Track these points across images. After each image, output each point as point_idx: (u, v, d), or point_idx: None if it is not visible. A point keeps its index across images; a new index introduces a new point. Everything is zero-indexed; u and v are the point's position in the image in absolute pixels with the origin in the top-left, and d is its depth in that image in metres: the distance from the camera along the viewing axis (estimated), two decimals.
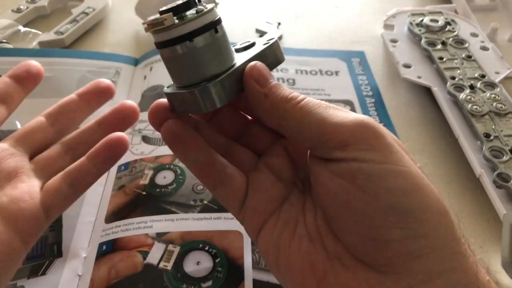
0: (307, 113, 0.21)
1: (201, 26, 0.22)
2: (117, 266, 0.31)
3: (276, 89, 0.22)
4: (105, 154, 0.27)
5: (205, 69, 0.22)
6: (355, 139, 0.20)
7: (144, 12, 0.53)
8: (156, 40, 0.23)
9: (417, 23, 0.50)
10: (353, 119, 0.21)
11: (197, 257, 0.31)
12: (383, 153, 0.20)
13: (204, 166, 0.24)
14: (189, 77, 0.22)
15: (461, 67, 0.44)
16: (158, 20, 0.21)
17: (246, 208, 0.24)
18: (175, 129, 0.23)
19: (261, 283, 0.30)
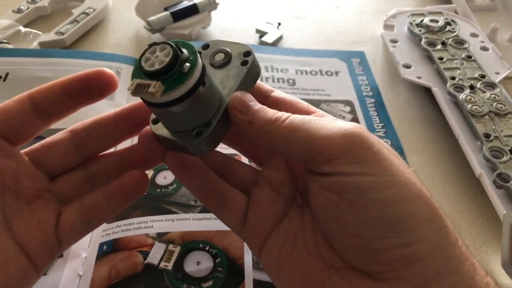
0: (292, 132, 0.21)
1: (190, 87, 0.21)
2: (118, 266, 0.31)
3: (259, 113, 0.23)
4: (122, 197, 0.26)
5: (196, 119, 0.23)
6: (339, 153, 0.20)
7: (144, 12, 0.53)
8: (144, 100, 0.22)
9: (417, 23, 0.50)
10: (338, 131, 0.21)
11: (197, 257, 0.31)
12: (369, 164, 0.20)
13: (207, 191, 0.25)
14: (180, 126, 0.23)
15: (461, 67, 0.44)
16: (146, 91, 0.21)
17: (246, 228, 0.25)
18: (180, 160, 0.24)
19: (261, 283, 0.30)
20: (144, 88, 0.21)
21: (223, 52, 0.25)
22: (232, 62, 0.25)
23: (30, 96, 0.26)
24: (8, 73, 0.46)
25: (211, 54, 0.25)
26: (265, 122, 0.22)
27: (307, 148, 0.21)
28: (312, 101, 0.45)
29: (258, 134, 0.23)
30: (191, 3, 0.53)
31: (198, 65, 0.21)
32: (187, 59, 0.21)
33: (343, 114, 0.44)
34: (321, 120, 0.21)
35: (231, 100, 0.23)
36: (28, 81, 0.45)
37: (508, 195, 0.34)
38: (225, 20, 0.58)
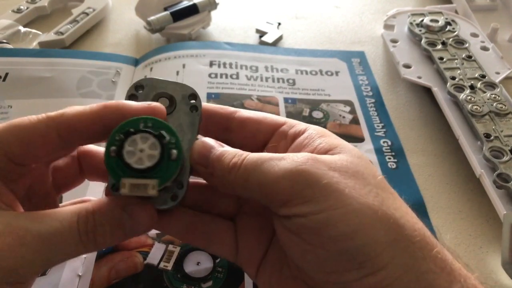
0: (247, 179, 0.21)
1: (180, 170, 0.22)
2: (118, 266, 0.31)
3: (218, 163, 0.23)
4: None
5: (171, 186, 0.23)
6: (289, 196, 0.20)
7: (144, 12, 0.53)
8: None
9: (417, 23, 0.50)
10: (284, 172, 0.20)
11: (197, 257, 0.31)
12: (317, 201, 0.20)
13: (188, 233, 0.25)
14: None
15: (461, 67, 0.44)
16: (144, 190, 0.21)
17: (240, 259, 0.25)
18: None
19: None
20: (139, 187, 0.21)
21: (166, 97, 0.24)
22: (178, 107, 0.24)
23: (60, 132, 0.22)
24: (7, 73, 0.46)
25: (152, 99, 0.24)
26: (223, 173, 0.22)
27: (262, 194, 0.21)
28: (312, 101, 0.45)
29: (219, 184, 0.23)
30: (191, 3, 0.53)
31: (182, 147, 0.21)
32: (170, 144, 0.21)
33: (343, 114, 0.44)
34: (271, 160, 0.21)
35: (191, 156, 0.23)
36: (27, 81, 0.45)
37: (508, 195, 0.34)
38: (225, 20, 0.58)
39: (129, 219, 0.22)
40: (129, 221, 0.22)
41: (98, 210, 0.21)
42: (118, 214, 0.22)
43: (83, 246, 0.21)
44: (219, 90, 0.45)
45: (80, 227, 0.21)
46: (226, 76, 0.47)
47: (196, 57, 0.49)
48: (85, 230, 0.21)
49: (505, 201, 0.33)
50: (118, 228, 0.22)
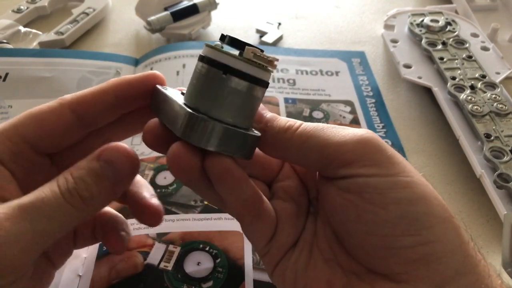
0: (306, 139, 0.22)
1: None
2: (118, 267, 0.31)
3: (272, 122, 0.23)
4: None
5: (249, 116, 0.22)
6: (357, 157, 0.21)
7: (144, 12, 0.53)
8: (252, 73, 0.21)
9: (418, 23, 0.50)
10: (352, 137, 0.21)
11: (197, 257, 0.31)
12: (386, 166, 0.21)
13: (248, 201, 0.23)
14: (237, 115, 0.21)
15: (462, 67, 0.44)
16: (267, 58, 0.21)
17: (274, 243, 0.24)
18: (228, 166, 0.21)
19: (261, 283, 0.30)
20: (263, 57, 0.21)
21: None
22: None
23: (72, 107, 0.23)
24: (8, 73, 0.46)
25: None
26: (279, 130, 0.22)
27: (323, 155, 0.21)
28: (313, 101, 0.45)
29: (271, 142, 0.23)
30: (191, 3, 0.53)
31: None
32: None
33: (343, 114, 0.44)
34: (334, 128, 0.22)
35: None
36: (28, 81, 0.45)
37: (508, 195, 0.34)
38: (225, 20, 0.58)
39: (109, 167, 0.21)
40: (110, 169, 0.21)
41: (75, 166, 0.21)
42: (95, 164, 0.21)
43: (73, 207, 0.20)
44: None
45: (61, 187, 0.20)
46: None
47: (196, 57, 0.49)
48: (66, 188, 0.20)
49: (505, 201, 0.33)
50: (101, 180, 0.21)
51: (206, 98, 0.21)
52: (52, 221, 0.20)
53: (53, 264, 0.26)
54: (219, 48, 0.21)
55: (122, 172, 0.22)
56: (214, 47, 0.21)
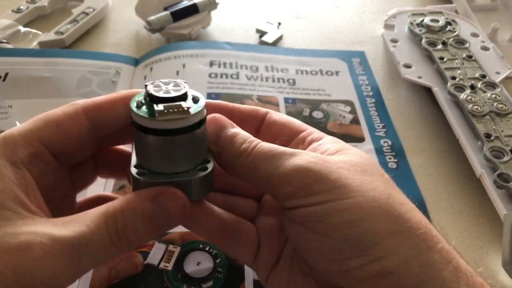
0: (255, 168, 0.22)
1: (205, 115, 0.22)
2: (118, 267, 0.30)
3: (228, 145, 0.23)
4: None
5: (197, 155, 0.23)
6: (296, 189, 0.21)
7: (144, 12, 0.53)
8: (165, 128, 0.21)
9: (418, 23, 0.50)
10: (292, 169, 0.21)
11: (197, 257, 0.31)
12: (325, 194, 0.20)
13: (217, 231, 0.25)
14: (182, 163, 0.22)
15: (462, 67, 0.44)
16: (178, 110, 0.21)
17: (259, 260, 0.25)
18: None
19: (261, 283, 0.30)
20: (173, 110, 0.20)
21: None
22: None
23: (87, 112, 0.23)
24: (7, 73, 0.46)
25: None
26: (232, 156, 0.23)
27: (268, 186, 0.22)
28: (313, 101, 0.45)
29: (226, 166, 0.23)
30: (191, 2, 0.53)
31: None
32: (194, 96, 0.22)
33: (343, 114, 0.44)
34: (282, 155, 0.22)
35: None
36: (27, 81, 0.45)
37: (509, 195, 0.34)
38: (225, 19, 0.58)
39: (161, 212, 0.21)
40: (161, 214, 0.21)
41: (126, 206, 0.20)
42: (148, 207, 0.21)
43: (116, 247, 0.20)
44: (219, 90, 0.45)
45: (110, 229, 0.20)
46: (226, 76, 0.47)
47: (196, 57, 0.49)
48: (115, 230, 0.20)
49: (505, 201, 0.33)
50: (150, 222, 0.21)
51: (142, 155, 0.22)
52: (92, 259, 0.19)
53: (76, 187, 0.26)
54: (135, 111, 0.21)
55: (172, 219, 0.22)
56: (132, 110, 0.21)
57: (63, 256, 0.18)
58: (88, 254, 0.19)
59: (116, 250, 0.20)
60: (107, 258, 0.20)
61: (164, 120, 0.20)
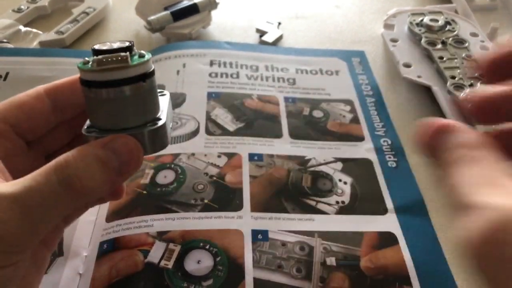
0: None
1: (152, 68, 0.23)
2: (118, 265, 0.31)
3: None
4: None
5: (147, 111, 0.23)
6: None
7: (145, 11, 0.53)
8: (105, 79, 0.22)
9: (417, 22, 0.50)
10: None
11: (197, 256, 0.31)
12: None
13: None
14: (132, 118, 0.23)
15: (461, 66, 0.44)
16: (117, 59, 0.21)
17: None
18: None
19: (261, 281, 0.30)
20: (111, 59, 0.21)
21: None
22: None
23: (48, 93, 0.25)
24: (8, 73, 0.46)
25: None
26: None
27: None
28: (313, 100, 0.45)
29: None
30: (191, 2, 0.53)
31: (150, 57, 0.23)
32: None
33: (343, 113, 0.44)
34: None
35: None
36: (28, 81, 0.45)
37: None
38: (225, 19, 0.58)
39: (115, 156, 0.21)
40: (115, 158, 0.21)
41: (77, 153, 0.21)
42: (101, 152, 0.21)
43: (70, 195, 0.20)
44: (220, 90, 0.45)
45: (59, 175, 0.20)
46: (226, 76, 0.47)
47: (196, 57, 0.49)
48: (66, 175, 0.20)
49: None
50: (105, 167, 0.21)
51: (91, 113, 0.23)
52: (47, 210, 0.19)
53: (47, 247, 0.26)
54: (79, 66, 0.22)
55: (128, 164, 0.22)
56: (78, 67, 0.22)
57: (13, 212, 0.18)
58: (40, 207, 0.19)
59: (72, 198, 0.20)
60: (63, 208, 0.20)
61: (103, 69, 0.21)
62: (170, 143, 0.39)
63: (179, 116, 0.42)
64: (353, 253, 0.32)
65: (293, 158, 0.39)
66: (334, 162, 0.39)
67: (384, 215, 0.35)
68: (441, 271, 0.31)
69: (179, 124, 0.41)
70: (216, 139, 0.40)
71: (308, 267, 0.31)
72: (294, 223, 0.34)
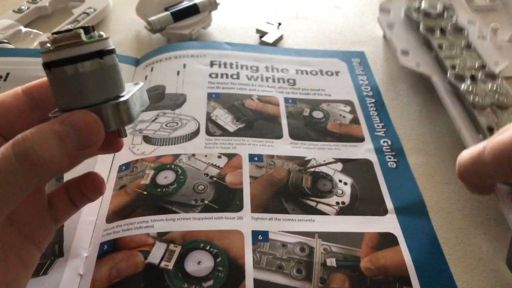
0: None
1: (111, 47, 0.24)
2: (119, 266, 0.31)
3: None
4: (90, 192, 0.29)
5: (109, 88, 0.24)
6: None
7: (145, 12, 0.53)
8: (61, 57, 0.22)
9: (415, 8, 0.48)
10: None
11: (198, 256, 0.31)
12: None
13: None
14: (93, 95, 0.23)
15: (461, 55, 0.43)
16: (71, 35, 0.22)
17: None
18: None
19: (262, 282, 0.30)
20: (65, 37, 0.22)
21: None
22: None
23: (26, 91, 0.25)
24: (8, 73, 0.46)
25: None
26: None
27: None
28: (313, 101, 0.45)
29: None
30: (191, 3, 0.53)
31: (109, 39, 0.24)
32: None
33: (343, 114, 0.44)
34: None
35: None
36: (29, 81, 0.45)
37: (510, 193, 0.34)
38: (225, 20, 0.58)
39: (73, 130, 0.22)
40: (74, 132, 0.22)
41: (35, 129, 0.21)
42: (58, 127, 0.21)
43: (27, 169, 0.20)
44: (220, 90, 0.45)
45: (16, 149, 0.20)
46: (226, 76, 0.47)
47: (196, 57, 0.49)
48: (22, 148, 0.20)
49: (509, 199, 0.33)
50: (63, 141, 0.21)
51: (55, 96, 0.24)
52: (7, 187, 0.20)
53: (36, 245, 0.26)
54: (40, 51, 0.23)
55: (87, 138, 0.22)
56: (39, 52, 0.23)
57: None
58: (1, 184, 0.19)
59: (30, 171, 0.20)
60: (23, 182, 0.20)
61: (57, 46, 0.22)
62: (171, 144, 0.39)
63: (180, 117, 0.42)
64: (353, 254, 0.32)
65: (293, 158, 0.39)
66: (334, 162, 0.39)
67: (384, 216, 0.35)
68: (441, 271, 0.31)
69: (180, 124, 0.41)
70: (216, 139, 0.40)
71: (309, 268, 0.31)
72: (294, 223, 0.34)
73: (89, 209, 0.35)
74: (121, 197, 0.35)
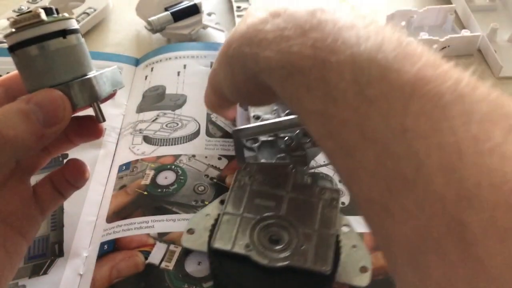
0: None
1: (74, 26, 0.24)
2: (119, 266, 0.31)
3: None
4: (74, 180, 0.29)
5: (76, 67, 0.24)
6: None
7: (145, 12, 0.53)
8: (23, 38, 0.23)
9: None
10: None
11: (198, 257, 0.31)
12: None
13: None
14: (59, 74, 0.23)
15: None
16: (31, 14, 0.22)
17: None
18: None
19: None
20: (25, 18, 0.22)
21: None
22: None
23: (1, 83, 0.26)
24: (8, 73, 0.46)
25: None
26: None
27: None
28: None
29: None
30: (191, 3, 0.53)
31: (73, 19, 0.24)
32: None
33: None
34: None
35: None
36: None
37: None
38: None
39: (38, 108, 0.22)
40: (39, 110, 0.22)
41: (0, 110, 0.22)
42: (23, 105, 0.22)
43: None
44: None
45: None
46: None
47: (197, 58, 0.49)
48: None
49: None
50: (29, 118, 0.22)
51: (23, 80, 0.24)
52: None
53: (23, 236, 0.26)
54: (3, 36, 0.23)
55: (53, 115, 0.23)
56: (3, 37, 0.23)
57: None
58: None
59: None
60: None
61: (18, 27, 0.22)
62: (172, 144, 0.39)
63: (180, 118, 0.42)
64: None
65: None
66: None
67: None
68: None
69: (180, 125, 0.41)
70: (216, 141, 0.40)
71: None
72: None
73: (89, 209, 0.35)
74: (121, 197, 0.35)
